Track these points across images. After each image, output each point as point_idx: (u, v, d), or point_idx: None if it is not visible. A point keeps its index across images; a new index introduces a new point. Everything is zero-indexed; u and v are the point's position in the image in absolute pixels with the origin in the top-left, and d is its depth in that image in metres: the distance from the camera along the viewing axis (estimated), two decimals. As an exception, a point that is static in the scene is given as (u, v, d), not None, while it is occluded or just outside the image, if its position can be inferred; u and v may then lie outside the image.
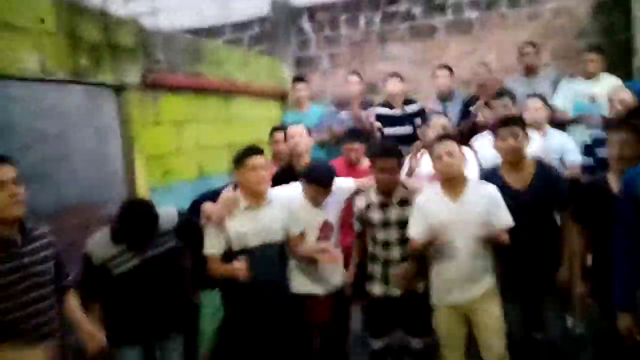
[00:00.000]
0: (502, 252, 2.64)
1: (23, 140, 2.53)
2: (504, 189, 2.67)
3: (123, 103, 3.16)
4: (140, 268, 2.45)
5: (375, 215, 2.86)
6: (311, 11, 5.90)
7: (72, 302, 2.22)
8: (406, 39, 5.62)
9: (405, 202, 2.83)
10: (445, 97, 4.73)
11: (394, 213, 2.84)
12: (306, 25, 5.92)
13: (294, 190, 2.92)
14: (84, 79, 2.84)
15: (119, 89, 3.14)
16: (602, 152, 3.16)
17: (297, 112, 4.90)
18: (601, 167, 3.09)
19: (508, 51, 4.93)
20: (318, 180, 2.81)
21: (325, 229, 2.93)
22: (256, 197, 2.66)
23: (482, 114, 4.11)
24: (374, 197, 2.89)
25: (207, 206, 2.62)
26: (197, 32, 6.02)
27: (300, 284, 2.91)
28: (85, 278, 2.42)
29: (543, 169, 2.78)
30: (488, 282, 2.63)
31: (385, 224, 2.85)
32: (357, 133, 3.84)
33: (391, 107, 4.69)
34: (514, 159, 2.73)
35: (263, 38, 6.06)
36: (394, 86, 4.64)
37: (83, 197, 3.05)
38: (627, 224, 2.19)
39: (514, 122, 2.74)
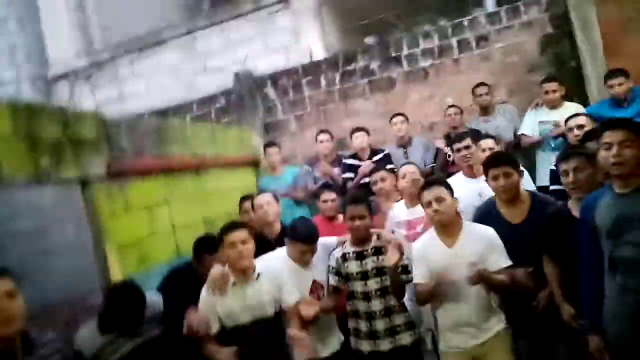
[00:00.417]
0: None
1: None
2: (502, 223, 2.70)
3: (88, 195, 3.16)
4: (132, 354, 2.38)
5: (353, 267, 2.86)
6: (274, 78, 6.09)
7: None
8: (367, 93, 5.80)
9: (379, 251, 2.83)
10: (404, 144, 4.85)
11: (370, 262, 2.84)
12: (270, 91, 6.09)
13: (279, 256, 2.92)
14: (46, 179, 2.85)
15: (84, 183, 3.15)
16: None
17: (271, 176, 4.99)
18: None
19: (464, 93, 5.10)
20: (302, 238, 2.83)
21: (315, 290, 2.91)
22: (241, 273, 2.64)
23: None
24: (349, 248, 2.90)
25: (191, 317, 2.56)
26: (166, 112, 6.16)
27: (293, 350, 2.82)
28: None
29: (539, 202, 2.81)
30: (497, 325, 2.57)
31: (364, 276, 2.84)
32: (329, 185, 3.96)
33: (359, 159, 4.79)
34: (510, 196, 2.78)
35: (230, 109, 6.20)
36: (360, 141, 4.76)
37: (63, 292, 3.05)
38: (587, 249, 2.25)
39: (504, 161, 2.78)
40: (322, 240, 2.97)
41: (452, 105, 4.92)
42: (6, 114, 2.68)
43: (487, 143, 3.72)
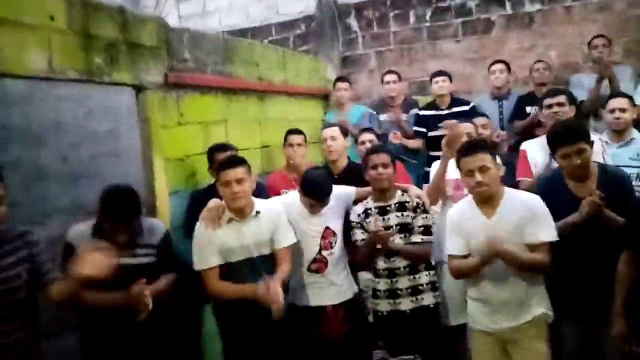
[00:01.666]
0: (560, 267, 2.26)
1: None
2: (568, 198, 2.32)
3: (142, 103, 3.06)
4: (116, 272, 2.21)
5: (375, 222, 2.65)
6: (358, 8, 5.64)
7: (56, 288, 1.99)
8: (459, 35, 5.22)
9: (403, 207, 2.67)
10: (501, 96, 4.35)
11: (394, 218, 2.66)
12: (353, 22, 5.67)
13: (292, 199, 2.74)
14: (98, 79, 2.76)
15: (138, 89, 3.04)
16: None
17: (337, 112, 4.72)
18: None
19: (572, 47, 4.45)
20: (311, 194, 2.61)
21: (327, 236, 2.71)
22: (239, 210, 2.47)
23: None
24: (371, 203, 2.72)
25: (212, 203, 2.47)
26: (244, 33, 5.95)
27: (303, 296, 2.72)
28: (65, 269, 2.21)
29: (606, 174, 2.38)
30: (536, 310, 2.26)
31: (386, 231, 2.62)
32: (369, 128, 3.76)
33: (437, 108, 4.37)
34: (582, 173, 2.35)
35: (309, 37, 5.87)
36: (439, 86, 4.32)
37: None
38: None
39: (579, 137, 2.30)
40: (339, 191, 2.78)
41: (540, 60, 4.34)
42: (62, 6, 2.56)
43: (620, 102, 3.24)
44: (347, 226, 2.79)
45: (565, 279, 2.34)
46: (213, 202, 2.51)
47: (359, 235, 2.74)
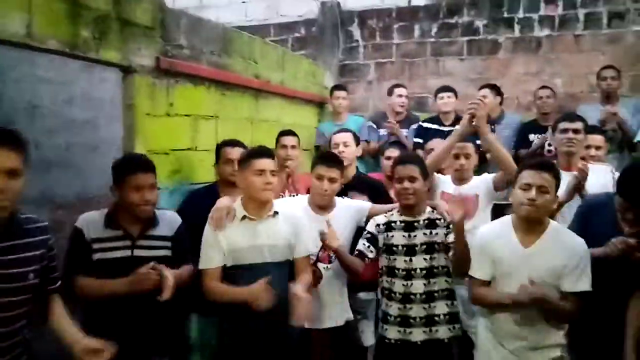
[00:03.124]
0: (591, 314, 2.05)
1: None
2: (615, 229, 2.02)
3: (128, 86, 2.77)
4: (126, 263, 2.04)
5: (398, 238, 2.39)
6: (362, 16, 5.45)
7: (58, 309, 1.79)
8: (464, 54, 5.07)
9: (433, 224, 2.39)
10: (493, 120, 4.18)
11: (420, 236, 2.38)
12: (355, 31, 5.47)
13: (299, 202, 2.51)
14: (83, 53, 2.46)
15: (126, 70, 2.75)
16: None
17: (333, 121, 4.50)
18: None
19: (578, 77, 4.33)
20: (325, 158, 2.53)
21: (328, 248, 2.45)
22: (258, 207, 2.23)
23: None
24: (396, 217, 2.44)
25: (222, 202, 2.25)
26: (242, 30, 5.70)
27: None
28: (74, 257, 2.06)
29: None
30: (553, 350, 2.05)
31: (410, 250, 2.37)
32: (397, 143, 3.46)
33: (440, 123, 4.20)
34: None
35: (308, 41, 5.66)
36: (445, 102, 4.14)
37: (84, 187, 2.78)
38: None
39: None
40: (348, 202, 2.62)
41: (545, 87, 4.18)
42: (50, -30, 2.28)
43: (595, 140, 3.09)
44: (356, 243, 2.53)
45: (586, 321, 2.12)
46: (222, 201, 2.26)
47: (363, 246, 2.43)
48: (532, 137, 4.04)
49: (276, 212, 2.26)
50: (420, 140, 4.18)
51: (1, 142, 1.50)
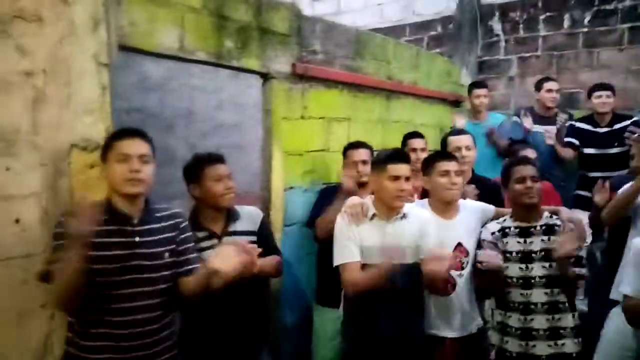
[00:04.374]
0: None
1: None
2: None
3: (267, 92, 2.95)
4: None
5: (512, 244, 2.27)
6: (504, 8, 5.13)
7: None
8: (625, 43, 4.50)
9: (551, 230, 2.24)
10: None
11: (538, 242, 2.23)
12: (496, 24, 5.17)
13: (423, 206, 2.43)
14: (227, 62, 2.68)
15: (265, 77, 2.93)
16: None
17: (473, 121, 4.29)
18: None
19: None
20: (440, 154, 2.47)
21: (459, 254, 2.35)
22: (387, 209, 2.21)
23: None
24: (510, 222, 2.32)
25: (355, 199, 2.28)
26: (378, 32, 5.73)
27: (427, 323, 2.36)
28: None
29: None
30: None
31: (526, 257, 2.24)
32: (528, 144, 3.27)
33: (595, 124, 3.80)
34: None
35: (445, 39, 5.48)
36: (602, 102, 3.74)
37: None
38: None
39: None
40: (475, 204, 2.52)
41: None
42: (198, -14, 2.51)
43: None
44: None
45: None
46: (356, 199, 2.29)
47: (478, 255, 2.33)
48: None
49: (405, 214, 2.23)
50: (575, 141, 3.83)
51: (135, 134, 1.77)
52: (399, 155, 2.24)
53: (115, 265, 1.72)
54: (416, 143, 3.20)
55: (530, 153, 3.08)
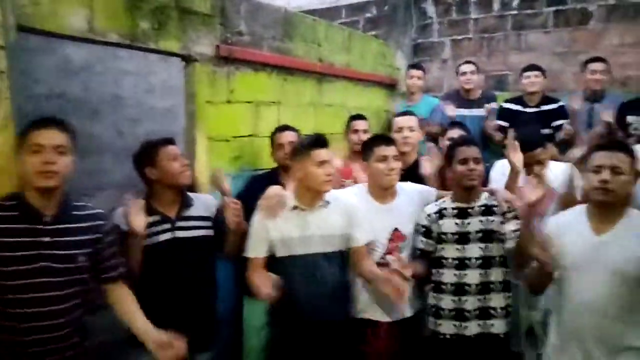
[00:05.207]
0: None
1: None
2: None
3: (189, 75, 2.83)
4: (169, 245, 2.13)
5: (449, 226, 2.28)
6: (437, -9, 5.16)
7: (126, 298, 1.87)
8: (550, 26, 4.64)
9: (490, 211, 2.26)
10: (594, 97, 3.78)
11: (476, 223, 2.25)
12: (429, 7, 5.20)
13: (358, 191, 2.41)
14: (143, 44, 2.54)
15: (186, 59, 2.80)
16: None
17: (406, 103, 4.33)
18: None
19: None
20: (381, 138, 2.47)
21: (395, 239, 2.36)
22: (311, 197, 2.17)
23: None
24: (449, 203, 2.32)
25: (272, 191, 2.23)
26: (313, 14, 5.64)
27: (359, 306, 2.38)
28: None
29: None
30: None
31: (462, 238, 2.26)
32: (459, 123, 3.37)
33: (524, 104, 3.91)
34: None
35: (380, 21, 5.46)
36: (531, 82, 3.84)
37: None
38: None
39: None
40: (415, 186, 2.52)
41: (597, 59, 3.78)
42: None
43: None
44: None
45: None
46: (273, 190, 2.25)
47: (422, 243, 2.35)
48: (630, 118, 3.60)
49: (327, 202, 2.20)
50: (504, 123, 3.91)
51: (50, 124, 1.68)
52: (320, 140, 2.20)
53: (18, 268, 1.60)
54: (359, 124, 3.28)
55: (456, 134, 3.11)
